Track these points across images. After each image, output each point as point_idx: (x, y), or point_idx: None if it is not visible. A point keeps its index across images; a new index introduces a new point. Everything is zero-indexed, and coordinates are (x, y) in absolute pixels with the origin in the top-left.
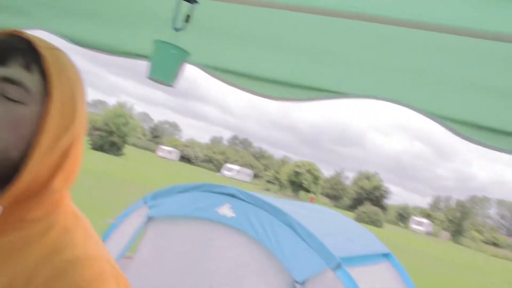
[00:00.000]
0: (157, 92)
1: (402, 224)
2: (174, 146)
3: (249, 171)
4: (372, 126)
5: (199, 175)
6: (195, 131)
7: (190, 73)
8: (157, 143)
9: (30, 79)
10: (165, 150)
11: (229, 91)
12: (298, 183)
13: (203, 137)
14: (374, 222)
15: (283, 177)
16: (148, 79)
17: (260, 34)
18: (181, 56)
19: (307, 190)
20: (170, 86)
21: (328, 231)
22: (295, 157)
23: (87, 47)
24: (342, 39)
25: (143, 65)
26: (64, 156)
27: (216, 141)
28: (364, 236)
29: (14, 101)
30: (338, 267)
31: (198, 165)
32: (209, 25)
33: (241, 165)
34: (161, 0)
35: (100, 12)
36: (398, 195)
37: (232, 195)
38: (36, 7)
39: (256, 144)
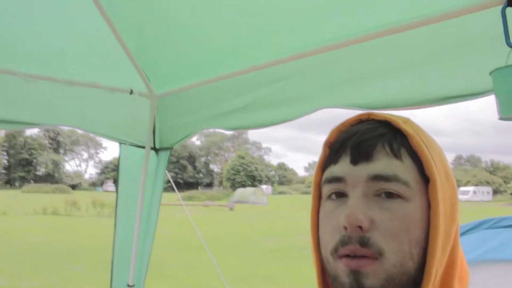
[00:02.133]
0: None
1: None
2: None
3: (487, 189)
4: None
5: None
6: None
7: None
8: None
9: (404, 169)
10: None
11: (437, 113)
12: None
13: None
14: None
15: None
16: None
17: None
18: None
19: None
20: None
21: None
22: None
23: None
24: None
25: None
26: (453, 249)
27: None
28: None
29: (394, 199)
30: None
31: None
32: None
33: (475, 185)
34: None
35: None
36: None
37: None
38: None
39: (486, 157)
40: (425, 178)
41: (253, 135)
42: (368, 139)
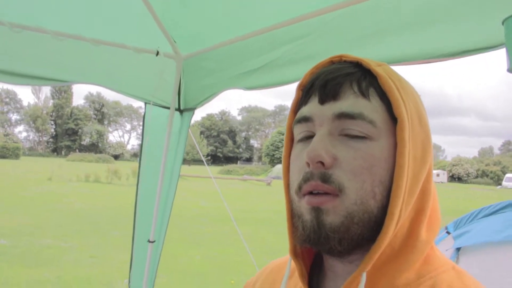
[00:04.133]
0: None
1: None
2: (442, 168)
3: None
4: None
5: (475, 192)
6: (459, 148)
7: (437, 86)
8: None
9: (371, 108)
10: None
11: (485, 94)
12: None
13: (470, 152)
14: None
15: None
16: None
17: None
18: None
19: None
20: None
21: None
22: None
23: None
24: None
25: None
26: (423, 195)
27: (486, 152)
28: None
29: (359, 138)
30: None
31: (471, 182)
32: None
33: None
34: None
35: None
36: None
37: None
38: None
39: None
40: (395, 120)
41: None
42: (335, 77)
